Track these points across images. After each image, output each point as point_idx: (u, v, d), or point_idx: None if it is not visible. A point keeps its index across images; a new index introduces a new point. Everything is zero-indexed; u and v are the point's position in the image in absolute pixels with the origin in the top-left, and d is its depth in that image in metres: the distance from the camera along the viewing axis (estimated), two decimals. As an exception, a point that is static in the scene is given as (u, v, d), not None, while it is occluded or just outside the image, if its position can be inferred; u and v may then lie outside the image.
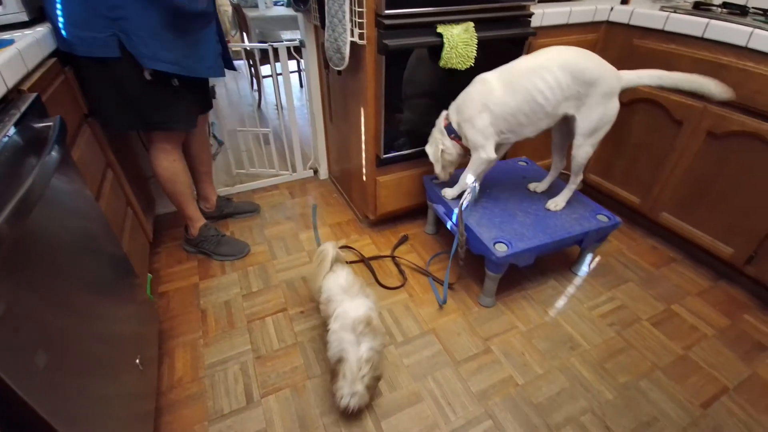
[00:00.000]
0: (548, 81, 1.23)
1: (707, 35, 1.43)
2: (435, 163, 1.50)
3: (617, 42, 1.72)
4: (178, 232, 1.80)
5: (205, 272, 1.61)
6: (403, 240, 1.78)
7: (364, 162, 1.65)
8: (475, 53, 1.39)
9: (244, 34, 3.38)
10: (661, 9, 1.60)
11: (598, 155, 1.92)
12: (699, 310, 1.47)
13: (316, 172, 2.31)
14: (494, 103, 1.28)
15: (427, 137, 1.52)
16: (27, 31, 1.03)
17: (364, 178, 1.70)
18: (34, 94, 0.87)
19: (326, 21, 1.39)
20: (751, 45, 1.32)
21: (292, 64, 2.77)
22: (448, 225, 1.53)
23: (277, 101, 2.25)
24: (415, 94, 1.50)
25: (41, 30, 1.05)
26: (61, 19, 1.07)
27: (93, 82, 1.20)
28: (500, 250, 1.30)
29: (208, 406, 1.13)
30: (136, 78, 1.19)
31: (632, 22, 1.65)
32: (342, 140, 1.88)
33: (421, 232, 1.84)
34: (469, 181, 1.44)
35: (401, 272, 1.61)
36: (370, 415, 1.12)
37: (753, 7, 1.54)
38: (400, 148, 1.60)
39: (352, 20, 1.30)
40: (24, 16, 1.06)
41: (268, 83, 3.64)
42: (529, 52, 1.34)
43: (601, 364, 1.27)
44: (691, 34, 1.48)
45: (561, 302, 1.49)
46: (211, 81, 1.59)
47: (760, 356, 1.30)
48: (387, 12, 1.26)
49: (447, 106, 1.44)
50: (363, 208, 1.84)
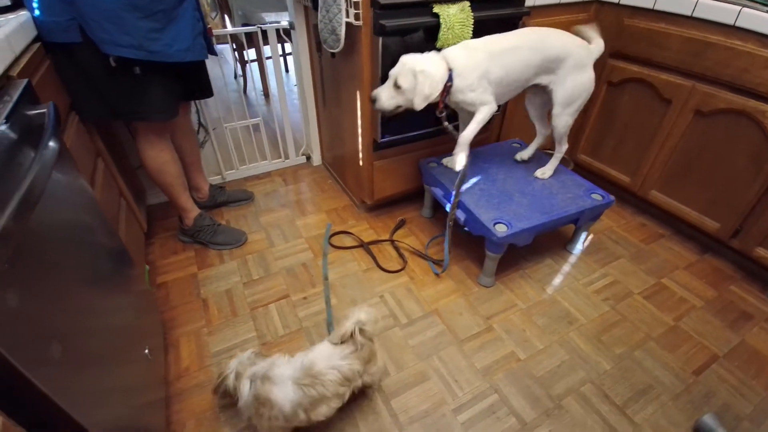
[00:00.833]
0: (522, 59, 1.33)
1: (696, 14, 1.45)
2: (426, 87, 1.26)
3: (607, 21, 1.74)
4: (171, 223, 1.76)
5: (202, 262, 1.59)
6: (401, 224, 1.79)
7: (360, 147, 1.64)
8: (471, 34, 1.38)
9: (226, 17, 3.27)
10: (651, -12, 1.62)
11: (587, 136, 1.95)
12: (687, 283, 1.53)
13: (308, 158, 2.29)
14: (489, 71, 1.31)
15: (424, 121, 1.51)
16: (10, 16, 0.97)
17: (361, 163, 1.69)
18: (25, 80, 0.83)
19: (319, 1, 1.36)
20: (739, 23, 1.35)
21: (268, 50, 2.67)
22: (447, 207, 1.54)
23: (265, 87, 2.19)
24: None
25: (24, 14, 1.00)
26: (34, 4, 1.02)
27: (63, 68, 1.13)
28: (500, 230, 1.32)
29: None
30: (100, 65, 1.11)
31: (622, 2, 1.66)
32: (336, 125, 1.86)
33: (418, 216, 1.85)
34: (465, 140, 1.39)
35: (401, 256, 1.62)
36: (379, 395, 1.14)
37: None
38: (397, 131, 1.59)
39: (347, 0, 1.28)
40: (6, 0, 1.00)
41: (251, 68, 3.55)
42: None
43: (598, 337, 1.32)
44: (680, 13, 1.50)
45: (557, 280, 1.53)
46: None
47: (747, 325, 1.37)
48: (383, -8, 1.23)
49: None
50: (359, 194, 1.84)
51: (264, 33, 1.85)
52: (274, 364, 0.97)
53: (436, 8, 1.32)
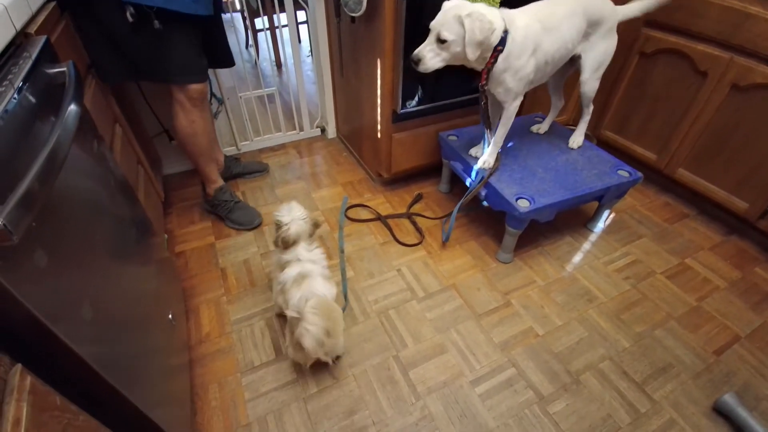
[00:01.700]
0: (575, 27, 1.24)
1: (739, -19, 1.36)
2: (474, 40, 1.08)
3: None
4: (188, 193, 1.76)
5: (219, 232, 1.59)
6: (418, 198, 1.77)
7: (378, 118, 1.60)
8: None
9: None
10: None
11: (614, 111, 1.88)
12: (711, 264, 1.50)
13: (323, 130, 2.25)
14: (543, 49, 1.21)
15: (444, 90, 1.46)
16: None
17: (379, 135, 1.65)
18: (44, 37, 0.80)
19: (341, -38, 1.30)
20: (787, -9, 1.26)
21: (284, 18, 2.57)
22: (467, 182, 1.51)
23: (277, 57, 2.13)
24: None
25: (38, -33, 0.96)
26: None
27: (82, 26, 1.10)
28: (523, 205, 1.29)
29: (239, 358, 1.15)
30: (119, 20, 1.07)
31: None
32: (353, 96, 1.81)
33: (435, 191, 1.82)
34: (501, 138, 1.39)
35: (418, 230, 1.61)
36: (396, 365, 1.15)
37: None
38: (418, 102, 1.55)
39: (371, -40, 1.21)
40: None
41: (266, 36, 3.46)
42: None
43: (618, 315, 1.31)
44: (722, -20, 1.40)
45: (577, 258, 1.51)
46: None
47: (771, 306, 1.35)
48: (409, -50, 1.17)
49: None
50: (375, 167, 1.81)
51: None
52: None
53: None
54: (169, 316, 0.99)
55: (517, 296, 1.36)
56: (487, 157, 1.42)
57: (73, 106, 0.71)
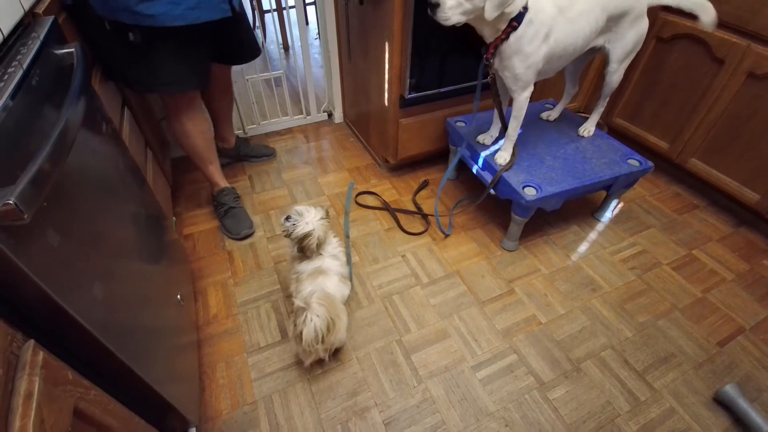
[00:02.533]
0: (592, 23, 1.20)
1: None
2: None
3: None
4: (196, 176, 1.77)
5: (226, 215, 1.61)
6: (424, 185, 1.76)
7: (386, 103, 1.58)
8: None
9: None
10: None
11: (627, 98, 1.84)
12: (719, 255, 1.48)
13: (330, 115, 2.23)
14: (555, 38, 1.16)
15: (453, 75, 1.43)
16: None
17: (386, 120, 1.64)
18: (51, 17, 0.81)
19: (350, -59, 1.26)
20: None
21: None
22: (474, 169, 1.50)
23: (284, 39, 2.11)
24: (444, 29, 1.39)
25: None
26: None
27: (78, 23, 1.04)
28: (529, 193, 1.28)
29: (245, 339, 1.18)
30: (99, 27, 1.00)
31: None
32: (361, 80, 1.79)
33: (441, 178, 1.81)
34: (515, 132, 1.36)
35: (424, 217, 1.61)
36: (399, 349, 1.17)
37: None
38: (426, 87, 1.53)
39: (380, -61, 1.18)
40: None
41: (273, 18, 3.41)
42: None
43: (621, 305, 1.31)
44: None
45: (583, 247, 1.51)
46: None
47: (778, 299, 1.34)
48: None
49: (480, 44, 1.32)
50: (382, 152, 1.80)
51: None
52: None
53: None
54: (178, 297, 1.01)
55: (521, 284, 1.36)
56: (504, 153, 1.39)
57: (81, 87, 0.71)
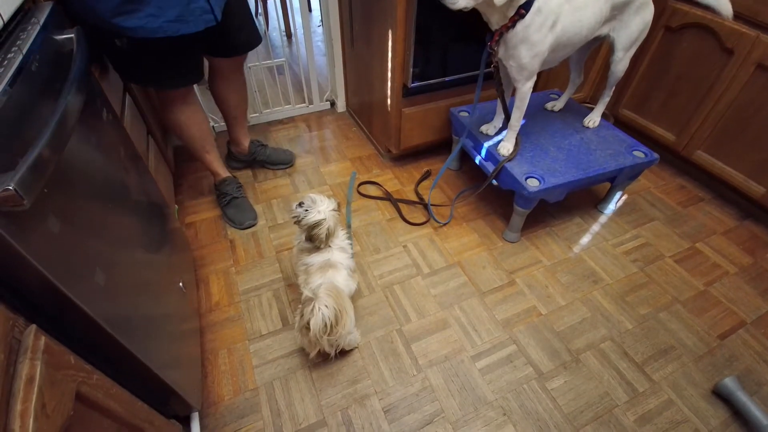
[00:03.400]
0: (597, 12, 1.18)
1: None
2: None
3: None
4: (198, 164, 1.77)
5: (229, 204, 1.61)
6: (426, 175, 1.75)
7: (389, 92, 1.57)
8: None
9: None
10: None
11: (634, 89, 1.81)
12: (723, 249, 1.47)
13: (333, 104, 2.22)
14: (562, 26, 1.14)
15: (456, 65, 1.41)
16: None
17: (389, 110, 1.63)
18: (51, 2, 0.80)
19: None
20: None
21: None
22: (477, 160, 1.49)
23: (287, 26, 2.08)
24: (448, 17, 1.37)
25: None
26: None
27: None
28: (532, 185, 1.27)
29: (247, 327, 1.19)
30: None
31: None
32: (363, 68, 1.78)
33: (444, 168, 1.80)
34: (518, 122, 1.35)
35: (426, 207, 1.60)
36: (399, 338, 1.18)
37: None
38: (429, 77, 1.51)
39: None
40: None
41: (276, 3, 3.37)
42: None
43: (623, 297, 1.31)
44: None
45: (585, 239, 1.50)
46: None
47: (781, 293, 1.33)
48: None
49: (484, 33, 1.30)
50: (385, 142, 1.79)
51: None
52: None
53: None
54: (180, 284, 1.02)
55: (522, 275, 1.36)
56: (507, 144, 1.37)
57: (81, 74, 0.71)
